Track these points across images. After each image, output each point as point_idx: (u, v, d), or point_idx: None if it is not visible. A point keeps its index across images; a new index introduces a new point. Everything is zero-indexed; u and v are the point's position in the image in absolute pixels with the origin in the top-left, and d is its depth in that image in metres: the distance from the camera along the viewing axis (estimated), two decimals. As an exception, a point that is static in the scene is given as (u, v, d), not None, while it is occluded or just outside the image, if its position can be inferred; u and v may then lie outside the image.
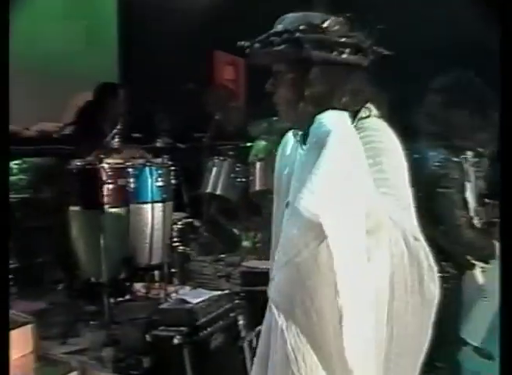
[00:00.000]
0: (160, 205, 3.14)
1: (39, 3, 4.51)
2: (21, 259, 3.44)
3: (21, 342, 2.24)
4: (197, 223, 3.69)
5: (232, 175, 3.80)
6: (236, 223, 4.25)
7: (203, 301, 2.34)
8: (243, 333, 2.44)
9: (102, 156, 2.86)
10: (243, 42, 1.20)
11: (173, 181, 3.29)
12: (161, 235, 3.14)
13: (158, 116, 3.47)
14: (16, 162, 3.87)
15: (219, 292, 2.54)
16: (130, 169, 3.03)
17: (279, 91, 1.21)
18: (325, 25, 1.14)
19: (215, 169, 3.80)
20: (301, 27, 1.13)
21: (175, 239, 3.32)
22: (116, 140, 2.94)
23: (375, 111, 1.21)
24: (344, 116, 1.11)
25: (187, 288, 3.20)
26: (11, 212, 0.83)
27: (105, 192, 2.85)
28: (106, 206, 2.84)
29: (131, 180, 3.01)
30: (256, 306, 2.56)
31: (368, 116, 1.19)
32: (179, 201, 3.59)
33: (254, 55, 1.20)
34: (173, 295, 2.99)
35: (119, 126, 2.90)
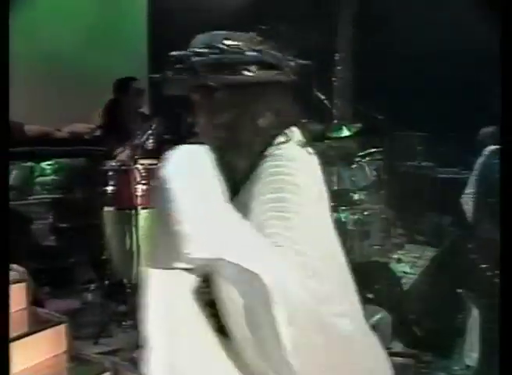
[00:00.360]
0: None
1: (69, 3, 4.55)
2: (54, 259, 3.48)
3: (54, 342, 2.25)
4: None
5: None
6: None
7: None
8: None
9: (136, 157, 2.87)
10: (155, 75, 1.11)
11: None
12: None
13: (189, 118, 3.46)
14: (49, 162, 3.93)
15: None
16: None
17: (197, 121, 1.12)
18: (225, 43, 1.03)
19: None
20: (198, 50, 1.04)
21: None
22: (150, 141, 2.95)
23: (297, 136, 1.07)
24: (195, 152, 0.97)
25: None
26: (10, 212, 0.82)
27: (139, 193, 2.86)
28: (139, 207, 2.85)
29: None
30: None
31: (286, 142, 1.05)
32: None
33: (163, 86, 1.10)
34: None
35: (153, 127, 2.91)
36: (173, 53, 1.07)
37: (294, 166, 1.00)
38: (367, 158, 4.02)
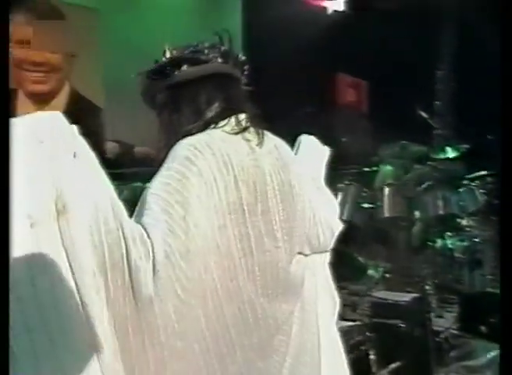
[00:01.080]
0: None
1: (172, 21, 4.82)
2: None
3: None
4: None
5: (358, 200, 3.69)
6: (361, 250, 4.09)
7: (333, 330, 2.25)
8: (373, 369, 2.29)
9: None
10: None
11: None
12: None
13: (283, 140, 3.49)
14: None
15: (350, 323, 2.42)
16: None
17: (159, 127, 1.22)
18: (165, 56, 1.15)
19: (340, 194, 3.71)
20: (146, 69, 1.17)
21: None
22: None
23: (231, 123, 1.10)
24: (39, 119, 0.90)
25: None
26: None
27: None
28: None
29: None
30: (388, 340, 2.42)
31: (214, 128, 1.09)
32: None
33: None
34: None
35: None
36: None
37: (197, 145, 1.03)
38: (476, 182, 3.75)
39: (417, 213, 3.66)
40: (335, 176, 3.99)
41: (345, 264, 4.01)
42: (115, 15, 4.34)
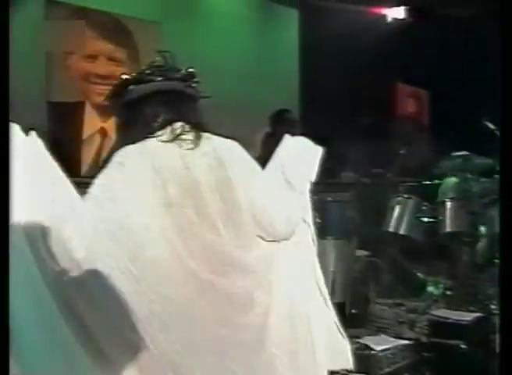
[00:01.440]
0: (342, 241, 3.07)
1: (230, 42, 4.88)
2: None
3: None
4: (378, 263, 3.51)
5: (417, 214, 3.56)
6: (420, 266, 3.94)
7: (387, 349, 2.17)
8: (431, 392, 2.18)
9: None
10: None
11: (357, 217, 3.20)
12: (343, 272, 3.06)
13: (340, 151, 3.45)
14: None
15: (405, 341, 2.33)
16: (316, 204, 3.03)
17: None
18: (121, 77, 1.34)
19: (398, 208, 3.60)
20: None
21: (355, 278, 3.20)
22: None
23: (166, 132, 1.28)
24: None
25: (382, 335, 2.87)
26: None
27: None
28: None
29: (316, 214, 3.01)
30: (447, 362, 2.30)
31: (151, 137, 1.28)
32: (362, 239, 3.47)
33: None
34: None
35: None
36: None
37: (129, 152, 1.24)
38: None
39: (482, 229, 3.48)
40: (393, 189, 3.91)
41: (403, 279, 3.89)
42: (176, 25, 4.47)
